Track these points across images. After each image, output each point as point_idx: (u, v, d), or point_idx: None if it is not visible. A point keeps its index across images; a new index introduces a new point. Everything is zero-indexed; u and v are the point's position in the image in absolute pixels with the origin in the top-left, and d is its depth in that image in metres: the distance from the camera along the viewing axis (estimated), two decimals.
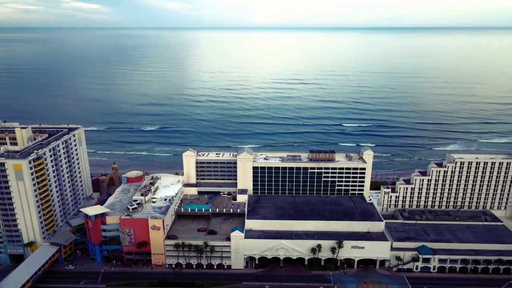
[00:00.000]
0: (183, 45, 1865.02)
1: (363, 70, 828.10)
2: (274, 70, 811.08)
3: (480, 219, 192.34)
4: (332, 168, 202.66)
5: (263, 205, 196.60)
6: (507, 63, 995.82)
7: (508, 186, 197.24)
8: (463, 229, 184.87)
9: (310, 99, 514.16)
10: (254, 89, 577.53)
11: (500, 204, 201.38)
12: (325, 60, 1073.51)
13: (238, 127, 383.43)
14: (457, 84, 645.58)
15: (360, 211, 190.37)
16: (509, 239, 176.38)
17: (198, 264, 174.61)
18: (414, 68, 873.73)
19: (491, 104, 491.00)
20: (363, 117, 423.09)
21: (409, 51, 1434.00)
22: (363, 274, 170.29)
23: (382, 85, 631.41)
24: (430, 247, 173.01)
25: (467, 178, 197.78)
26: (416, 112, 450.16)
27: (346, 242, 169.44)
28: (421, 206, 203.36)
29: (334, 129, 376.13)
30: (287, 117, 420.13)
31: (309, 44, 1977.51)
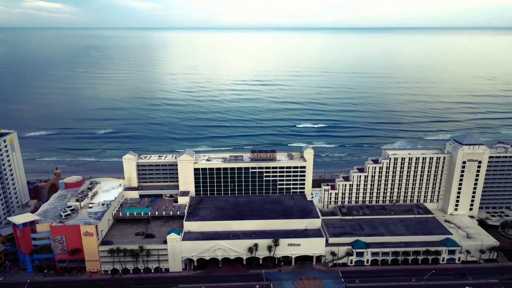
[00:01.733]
0: (147, 45, 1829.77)
1: (325, 70, 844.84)
2: (237, 72, 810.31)
3: (413, 212, 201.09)
4: (273, 167, 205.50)
5: (204, 207, 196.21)
6: (464, 62, 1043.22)
7: (439, 180, 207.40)
8: (397, 223, 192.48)
9: (269, 100, 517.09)
10: (213, 91, 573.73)
11: (432, 197, 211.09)
12: (290, 60, 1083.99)
13: (192, 130, 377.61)
14: (413, 83, 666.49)
15: (299, 209, 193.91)
16: (437, 230, 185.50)
17: (135, 269, 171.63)
18: (375, 68, 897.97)
19: (443, 103, 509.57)
20: (319, 117, 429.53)
21: (373, 51, 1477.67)
22: (300, 271, 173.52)
23: (342, 85, 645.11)
24: (364, 241, 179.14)
25: (401, 173, 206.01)
26: (371, 111, 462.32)
27: (283, 240, 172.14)
28: (360, 201, 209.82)
29: (288, 130, 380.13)
30: (244, 119, 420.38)
31: (277, 44, 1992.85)
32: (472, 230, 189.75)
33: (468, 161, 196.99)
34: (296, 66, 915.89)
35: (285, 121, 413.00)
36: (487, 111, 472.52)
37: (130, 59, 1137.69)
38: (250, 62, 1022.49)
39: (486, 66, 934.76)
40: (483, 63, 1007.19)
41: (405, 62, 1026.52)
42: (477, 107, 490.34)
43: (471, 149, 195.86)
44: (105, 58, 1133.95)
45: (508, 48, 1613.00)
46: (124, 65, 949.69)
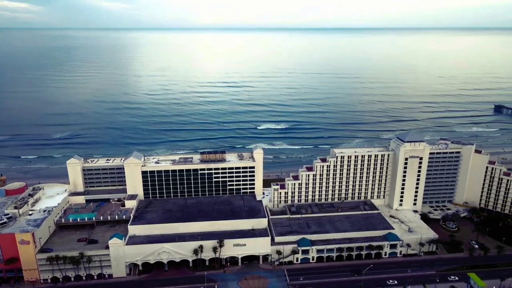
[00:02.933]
0: (116, 46, 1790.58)
1: (294, 71, 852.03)
2: (204, 73, 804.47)
3: (359, 209, 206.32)
4: (222, 168, 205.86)
5: (152, 210, 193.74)
6: (427, 62, 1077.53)
7: (384, 176, 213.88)
8: (343, 220, 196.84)
9: (234, 102, 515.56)
10: (177, 94, 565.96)
11: (379, 194, 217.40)
12: (260, 61, 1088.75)
13: (151, 134, 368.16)
14: (377, 83, 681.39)
15: (247, 209, 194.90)
16: (381, 226, 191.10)
17: (77, 276, 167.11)
18: (343, 68, 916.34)
19: (404, 102, 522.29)
20: (282, 118, 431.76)
21: (345, 52, 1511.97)
22: (246, 271, 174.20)
23: (308, 86, 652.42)
24: (309, 239, 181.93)
25: (348, 171, 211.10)
26: (334, 112, 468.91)
27: (228, 241, 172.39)
28: (309, 200, 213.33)
29: (249, 132, 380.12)
30: (206, 122, 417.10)
31: (251, 45, 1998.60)
32: (414, 224, 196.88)
33: (410, 157, 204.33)
34: (266, 67, 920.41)
35: (248, 123, 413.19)
36: (446, 109, 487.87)
37: (95, 60, 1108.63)
38: (220, 64, 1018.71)
39: (448, 66, 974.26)
40: (446, 63, 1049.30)
41: (373, 62, 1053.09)
42: (436, 106, 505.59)
43: (412, 146, 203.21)
44: (69, 60, 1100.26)
45: (473, 47, 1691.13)
46: (88, 67, 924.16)
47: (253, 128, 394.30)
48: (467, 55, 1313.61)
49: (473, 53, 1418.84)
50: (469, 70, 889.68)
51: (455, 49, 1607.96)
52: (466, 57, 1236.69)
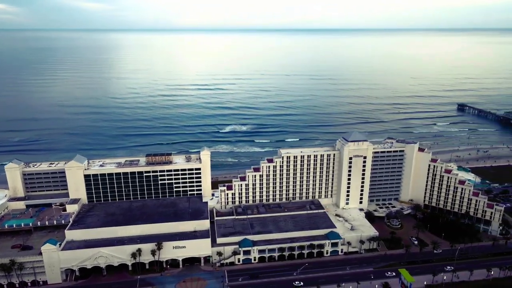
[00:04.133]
0: (91, 48, 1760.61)
1: (270, 72, 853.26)
2: (178, 76, 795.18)
3: (305, 208, 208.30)
4: (168, 170, 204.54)
5: (94, 214, 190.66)
6: (410, 63, 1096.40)
7: (331, 176, 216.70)
8: (288, 220, 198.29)
9: (202, 105, 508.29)
10: (145, 97, 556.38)
11: (326, 193, 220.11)
12: (238, 63, 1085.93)
13: (110, 140, 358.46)
14: (354, 85, 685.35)
15: (191, 211, 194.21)
16: (324, 224, 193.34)
17: (10, 284, 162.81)
18: (321, 69, 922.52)
19: (373, 104, 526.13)
20: (248, 121, 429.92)
21: (322, 52, 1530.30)
22: (187, 273, 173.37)
23: (280, 87, 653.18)
24: (252, 239, 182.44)
25: (294, 171, 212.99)
26: (303, 114, 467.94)
27: (167, 243, 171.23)
28: (257, 200, 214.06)
29: (210, 136, 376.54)
30: (170, 126, 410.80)
31: (230, 46, 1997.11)
32: (357, 223, 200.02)
33: (354, 156, 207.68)
34: (243, 69, 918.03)
35: (212, 126, 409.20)
36: (414, 110, 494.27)
37: (68, 62, 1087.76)
38: (195, 66, 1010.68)
39: (423, 66, 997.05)
40: (421, 63, 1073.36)
41: (350, 63, 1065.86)
42: (404, 107, 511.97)
43: (356, 145, 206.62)
44: (41, 62, 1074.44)
45: (451, 48, 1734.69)
46: (59, 70, 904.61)
47: (216, 132, 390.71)
48: (443, 56, 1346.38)
49: (450, 53, 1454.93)
50: (442, 71, 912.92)
51: (433, 49, 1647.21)
52: (442, 58, 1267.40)
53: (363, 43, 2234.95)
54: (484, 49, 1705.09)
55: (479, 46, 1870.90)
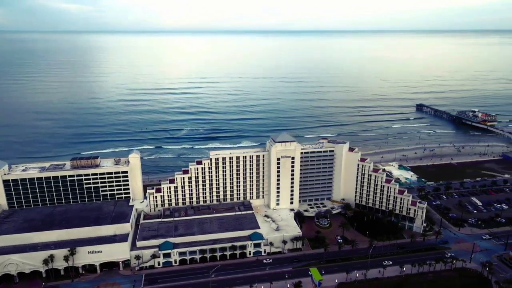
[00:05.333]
0: (67, 50, 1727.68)
1: (241, 75, 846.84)
2: (145, 79, 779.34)
3: (234, 209, 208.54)
4: (93, 174, 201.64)
5: (12, 220, 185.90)
6: (379, 65, 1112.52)
7: (261, 177, 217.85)
8: (214, 221, 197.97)
9: (163, 110, 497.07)
10: (104, 102, 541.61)
11: (258, 194, 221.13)
12: (211, 65, 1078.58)
13: (51, 148, 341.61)
14: (322, 87, 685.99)
15: (115, 215, 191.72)
16: (249, 225, 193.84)
17: None
18: (292, 71, 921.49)
19: (341, 107, 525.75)
20: (208, 126, 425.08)
21: (299, 54, 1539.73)
22: (104, 278, 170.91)
23: (250, 91, 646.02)
24: (173, 242, 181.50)
25: (224, 173, 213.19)
26: (266, 118, 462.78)
27: (81, 249, 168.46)
28: (187, 203, 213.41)
29: (162, 142, 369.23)
30: (125, 132, 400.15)
31: (209, 48, 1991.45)
32: (284, 223, 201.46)
33: (282, 157, 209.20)
34: (215, 72, 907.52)
35: (164, 132, 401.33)
36: (377, 112, 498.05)
37: (33, 65, 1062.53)
38: (165, 69, 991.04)
39: (391, 68, 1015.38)
40: (390, 65, 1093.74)
41: (323, 66, 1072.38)
42: (366, 109, 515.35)
43: (283, 146, 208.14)
44: (4, 65, 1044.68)
45: (421, 49, 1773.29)
46: (23, 73, 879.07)
47: (168, 137, 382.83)
48: (412, 57, 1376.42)
49: (418, 54, 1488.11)
50: (411, 72, 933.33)
51: (408, 51, 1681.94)
52: (411, 59, 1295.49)
53: (342, 45, 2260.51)
54: (457, 50, 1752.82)
55: (453, 47, 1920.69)
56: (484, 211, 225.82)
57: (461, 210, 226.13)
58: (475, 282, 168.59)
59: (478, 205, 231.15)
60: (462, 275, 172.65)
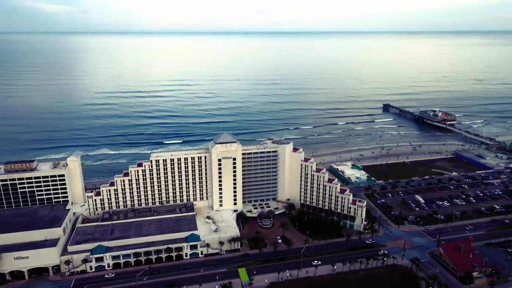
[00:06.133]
0: (42, 52, 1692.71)
1: (215, 77, 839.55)
2: (116, 82, 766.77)
3: (175, 211, 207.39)
4: (28, 178, 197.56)
5: None
6: (353, 65, 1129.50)
7: (204, 178, 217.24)
8: (153, 223, 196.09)
9: (128, 115, 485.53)
10: (67, 107, 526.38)
11: (202, 195, 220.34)
12: (188, 67, 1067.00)
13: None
14: (296, 90, 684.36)
15: (49, 219, 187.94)
16: (187, 227, 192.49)
17: None
18: (267, 73, 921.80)
19: (309, 110, 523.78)
20: (170, 130, 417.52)
21: (277, 55, 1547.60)
22: (32, 284, 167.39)
23: (221, 94, 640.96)
24: (107, 245, 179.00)
25: (166, 175, 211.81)
26: (231, 122, 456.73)
27: (7, 254, 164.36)
28: (128, 205, 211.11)
29: (118, 147, 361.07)
30: (83, 137, 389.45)
31: (190, 49, 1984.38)
32: (225, 224, 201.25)
33: (223, 158, 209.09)
34: (189, 74, 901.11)
35: (120, 137, 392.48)
36: (346, 114, 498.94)
37: (9, 67, 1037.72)
38: (139, 71, 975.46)
39: (367, 69, 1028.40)
40: (365, 65, 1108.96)
41: (301, 67, 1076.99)
42: (337, 111, 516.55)
43: (224, 147, 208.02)
44: None
45: (396, 50, 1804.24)
46: None
47: (123, 142, 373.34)
48: (391, 58, 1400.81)
49: (397, 55, 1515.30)
50: (383, 72, 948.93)
51: (384, 52, 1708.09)
52: (385, 60, 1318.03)
53: (324, 46, 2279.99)
54: (434, 50, 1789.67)
55: (431, 48, 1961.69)
56: (426, 208, 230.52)
57: (403, 208, 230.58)
58: (404, 278, 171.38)
59: (421, 203, 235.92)
60: (392, 272, 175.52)
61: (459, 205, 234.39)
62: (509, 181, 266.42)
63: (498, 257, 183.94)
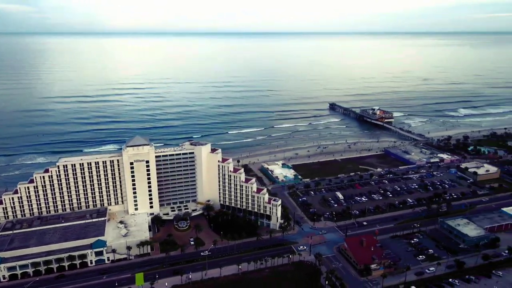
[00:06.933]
0: None
1: (167, 80, 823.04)
2: (63, 87, 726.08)
3: (85, 217, 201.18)
4: None
5: None
6: (313, 67, 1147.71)
7: (118, 182, 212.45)
8: (58, 231, 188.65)
9: (68, 121, 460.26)
10: (3, 113, 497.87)
11: (117, 200, 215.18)
12: (144, 70, 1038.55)
13: None
14: (248, 92, 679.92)
15: None
16: (93, 233, 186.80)
17: None
18: (228, 75, 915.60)
19: (260, 112, 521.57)
20: (101, 136, 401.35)
21: (240, 56, 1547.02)
22: None
23: (171, 97, 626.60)
24: (2, 256, 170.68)
25: (75, 180, 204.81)
26: (174, 126, 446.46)
27: None
28: (36, 213, 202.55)
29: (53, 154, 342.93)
30: (13, 147, 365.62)
31: (152, 50, 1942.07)
32: (137, 228, 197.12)
33: (136, 161, 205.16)
34: (142, 77, 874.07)
35: (61, 144, 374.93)
36: (294, 116, 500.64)
37: None
38: (92, 74, 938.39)
39: (327, 70, 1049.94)
40: (323, 66, 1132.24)
41: (257, 68, 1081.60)
42: (286, 112, 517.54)
43: (135, 150, 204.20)
44: None
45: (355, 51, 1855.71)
46: None
47: (49, 152, 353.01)
48: (347, 58, 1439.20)
49: (352, 56, 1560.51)
50: (339, 72, 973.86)
51: (350, 52, 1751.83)
52: (344, 61, 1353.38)
53: (295, 47, 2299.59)
54: (391, 50, 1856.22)
55: (389, 48, 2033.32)
56: (344, 204, 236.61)
57: (322, 205, 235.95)
58: (308, 273, 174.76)
59: (340, 199, 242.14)
60: (298, 268, 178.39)
61: (376, 200, 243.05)
62: (427, 175, 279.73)
63: (400, 249, 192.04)
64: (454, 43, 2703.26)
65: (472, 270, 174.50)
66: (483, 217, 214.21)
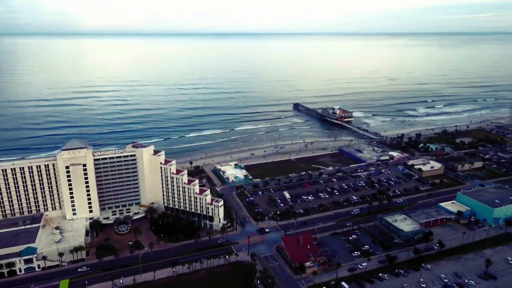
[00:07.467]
0: None
1: (125, 82, 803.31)
2: (24, 89, 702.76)
3: (18, 224, 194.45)
4: None
5: None
6: (281, 67, 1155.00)
7: (55, 187, 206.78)
8: None
9: (18, 126, 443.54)
10: None
11: (54, 205, 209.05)
12: (107, 72, 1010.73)
13: None
14: (222, 94, 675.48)
15: None
16: (23, 240, 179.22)
17: None
18: (195, 76, 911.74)
19: (223, 114, 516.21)
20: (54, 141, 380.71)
21: (211, 57, 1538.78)
22: None
23: (134, 100, 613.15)
24: None
25: (7, 185, 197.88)
26: (135, 130, 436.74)
27: None
28: None
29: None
30: None
31: (122, 52, 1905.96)
32: (72, 233, 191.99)
33: (72, 165, 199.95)
34: (107, 79, 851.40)
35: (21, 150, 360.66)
36: (257, 118, 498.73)
37: None
38: (54, 76, 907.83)
39: (290, 70, 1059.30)
40: (290, 67, 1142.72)
41: (228, 70, 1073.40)
42: (251, 115, 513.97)
43: (71, 153, 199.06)
44: None
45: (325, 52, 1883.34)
46: None
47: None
48: (319, 59, 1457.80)
49: (325, 56, 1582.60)
50: (308, 73, 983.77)
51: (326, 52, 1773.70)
52: (316, 61, 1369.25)
53: (270, 48, 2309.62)
54: (363, 50, 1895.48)
55: (361, 49, 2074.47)
56: (291, 203, 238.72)
57: (269, 205, 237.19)
58: (244, 273, 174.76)
59: (287, 199, 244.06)
60: (234, 268, 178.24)
61: (322, 198, 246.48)
62: (375, 173, 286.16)
63: (337, 246, 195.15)
64: (423, 43, 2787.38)
65: (403, 264, 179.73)
66: (421, 212, 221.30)
